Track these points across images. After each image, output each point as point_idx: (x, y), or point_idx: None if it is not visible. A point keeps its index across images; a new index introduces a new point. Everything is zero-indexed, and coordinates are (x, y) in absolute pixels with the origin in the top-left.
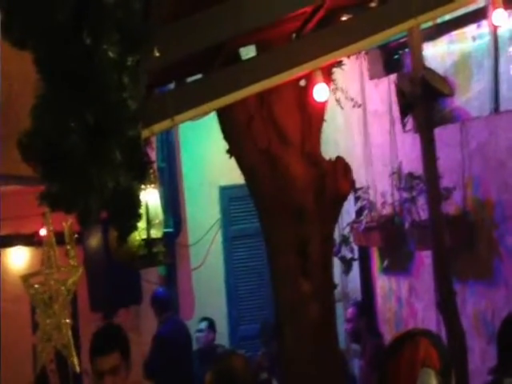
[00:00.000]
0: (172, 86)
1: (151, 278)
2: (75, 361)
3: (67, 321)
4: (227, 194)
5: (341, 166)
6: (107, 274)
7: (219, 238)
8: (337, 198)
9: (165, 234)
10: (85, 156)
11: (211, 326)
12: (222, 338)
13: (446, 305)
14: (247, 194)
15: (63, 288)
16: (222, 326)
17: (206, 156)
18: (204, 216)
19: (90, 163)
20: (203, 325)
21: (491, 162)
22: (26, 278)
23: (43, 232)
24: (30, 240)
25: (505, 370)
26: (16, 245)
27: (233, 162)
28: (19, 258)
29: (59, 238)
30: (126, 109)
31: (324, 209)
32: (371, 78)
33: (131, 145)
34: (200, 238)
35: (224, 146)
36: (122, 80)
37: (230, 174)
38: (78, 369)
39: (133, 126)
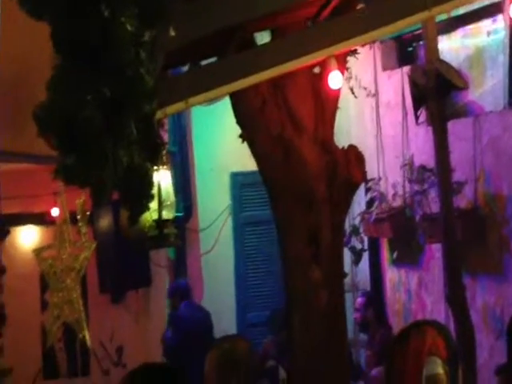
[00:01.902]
0: (185, 68)
1: (160, 262)
2: (87, 335)
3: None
4: (238, 181)
5: (353, 155)
6: (116, 256)
7: (229, 224)
8: (349, 187)
9: (175, 217)
10: (100, 129)
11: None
12: (230, 324)
13: (456, 299)
14: (258, 180)
15: (76, 263)
16: (230, 313)
17: (218, 141)
18: (214, 202)
19: (105, 137)
20: None
21: (503, 157)
22: (39, 252)
23: (55, 212)
24: (41, 219)
25: None
26: (27, 223)
27: (244, 148)
28: (30, 237)
29: (71, 217)
30: (143, 84)
31: (335, 197)
32: (384, 68)
33: (146, 121)
34: (210, 224)
35: (236, 131)
36: (139, 55)
37: (242, 160)
38: (89, 343)
39: (149, 102)
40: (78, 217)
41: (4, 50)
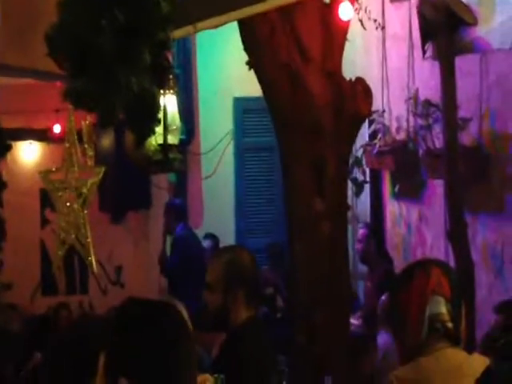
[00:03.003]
0: None
1: (161, 184)
2: (93, 260)
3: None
4: (241, 106)
5: (361, 87)
6: (118, 175)
7: (231, 149)
8: (355, 119)
9: (180, 142)
10: (113, 55)
11: (215, 244)
12: None
13: (457, 235)
14: (261, 106)
15: (84, 188)
16: (229, 238)
17: (222, 66)
18: (216, 126)
19: (118, 63)
20: (207, 243)
21: (510, 96)
22: (46, 174)
23: (56, 128)
24: (43, 135)
25: None
26: (28, 139)
27: (248, 73)
28: (31, 153)
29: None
30: (159, 10)
31: (341, 128)
32: (392, 0)
33: (160, 48)
34: (212, 148)
35: (240, 56)
36: None
37: (245, 85)
38: (95, 268)
39: (164, 29)
40: (84, 139)
41: None
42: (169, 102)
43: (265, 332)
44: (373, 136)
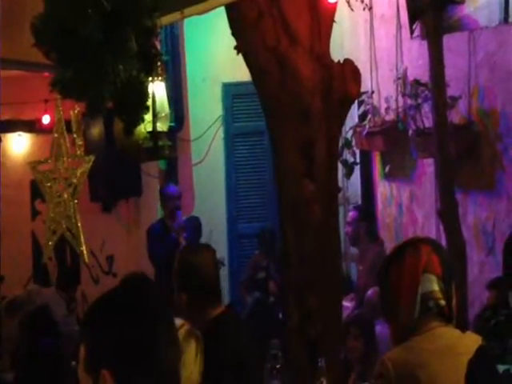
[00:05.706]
0: None
1: (151, 172)
2: (84, 250)
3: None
4: (230, 91)
5: (349, 70)
6: (108, 164)
7: (221, 134)
8: (344, 101)
9: (169, 129)
10: (100, 44)
11: (198, 228)
12: (221, 235)
13: (448, 214)
14: (250, 91)
15: (73, 177)
16: (221, 224)
17: (210, 52)
18: (206, 112)
19: (105, 51)
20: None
21: (498, 73)
22: (35, 165)
23: (46, 119)
24: (32, 126)
25: (510, 282)
26: (17, 130)
27: (237, 59)
28: (20, 145)
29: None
30: None
31: (331, 111)
32: None
33: (147, 35)
34: (202, 134)
35: (229, 42)
36: None
37: (234, 70)
38: (86, 258)
39: (150, 16)
40: (73, 129)
41: None
42: (157, 89)
43: (238, 326)
44: (362, 117)
